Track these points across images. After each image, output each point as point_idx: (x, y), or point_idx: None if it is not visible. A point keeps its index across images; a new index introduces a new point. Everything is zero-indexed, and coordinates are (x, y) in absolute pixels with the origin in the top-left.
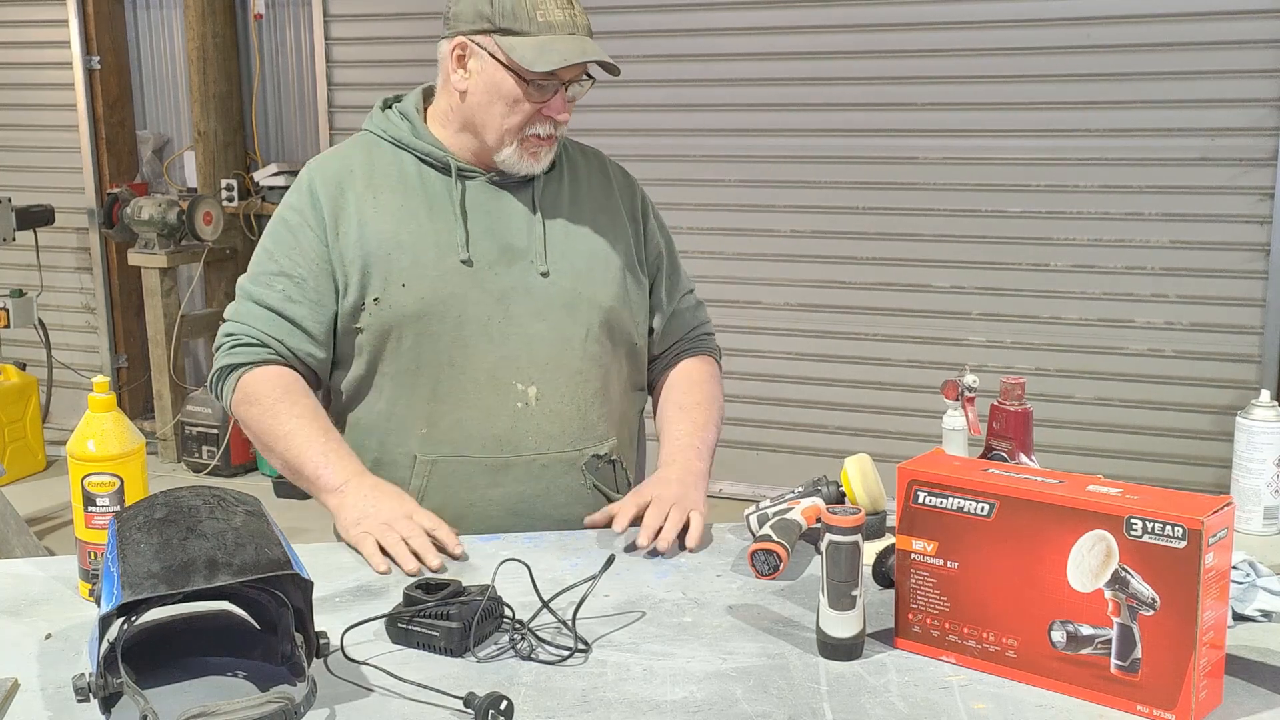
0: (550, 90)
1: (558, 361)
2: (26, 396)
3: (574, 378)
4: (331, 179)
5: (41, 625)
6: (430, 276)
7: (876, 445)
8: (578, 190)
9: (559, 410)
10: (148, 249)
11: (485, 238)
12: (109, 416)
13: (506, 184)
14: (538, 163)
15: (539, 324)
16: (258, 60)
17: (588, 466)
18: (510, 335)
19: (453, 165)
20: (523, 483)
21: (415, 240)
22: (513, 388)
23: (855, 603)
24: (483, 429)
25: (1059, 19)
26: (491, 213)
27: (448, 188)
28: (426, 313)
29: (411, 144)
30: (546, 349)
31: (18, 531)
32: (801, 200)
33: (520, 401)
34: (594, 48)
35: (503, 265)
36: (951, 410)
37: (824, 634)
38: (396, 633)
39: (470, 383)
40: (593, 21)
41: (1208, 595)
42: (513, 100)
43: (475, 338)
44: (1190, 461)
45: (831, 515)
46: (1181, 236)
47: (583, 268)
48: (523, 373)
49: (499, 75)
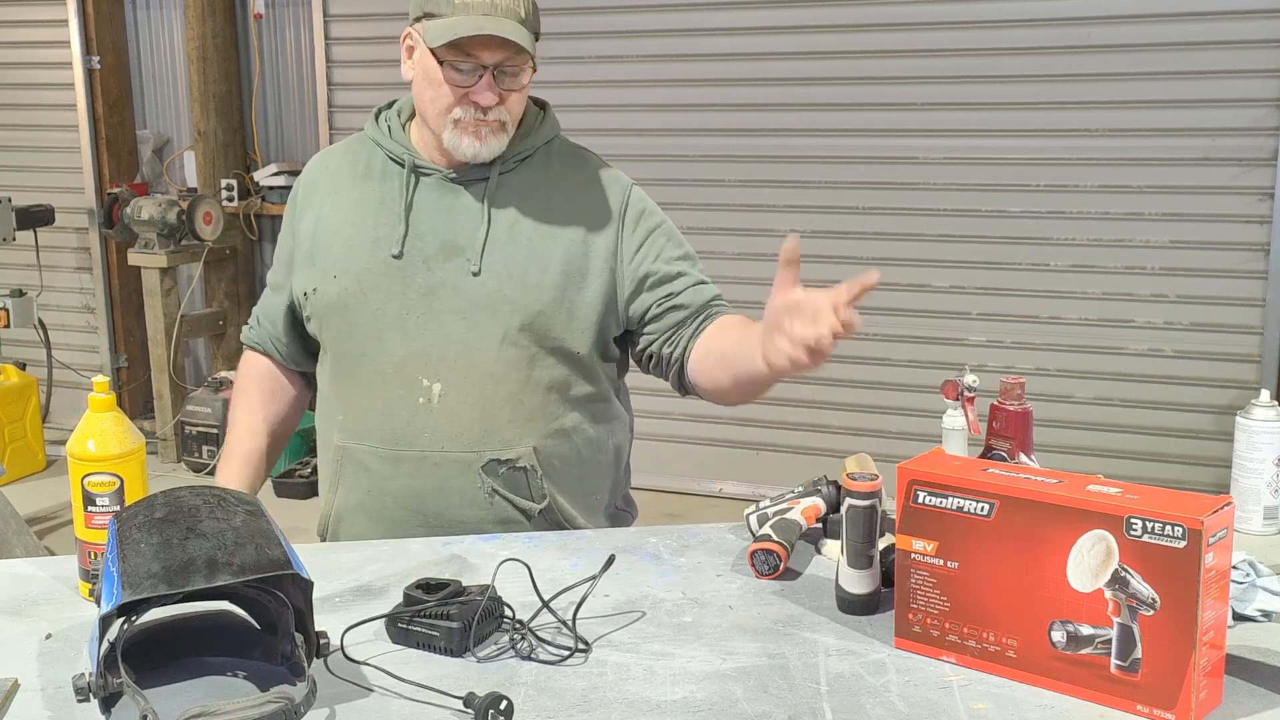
0: (472, 73)
1: (468, 361)
2: (26, 396)
3: (484, 379)
4: (312, 175)
5: (41, 625)
6: (357, 269)
7: (876, 445)
8: (541, 192)
9: (459, 410)
10: (148, 249)
11: (429, 234)
12: (109, 416)
13: (464, 181)
14: (481, 143)
15: (458, 322)
16: (258, 60)
17: (485, 469)
18: (427, 331)
19: (408, 162)
20: (416, 478)
21: (356, 233)
22: (418, 383)
23: (871, 562)
24: (383, 421)
25: (1059, 19)
26: (442, 210)
27: (401, 185)
28: (348, 303)
29: (383, 143)
30: (458, 348)
31: (18, 531)
32: (801, 200)
33: (423, 397)
34: (503, 26)
35: (438, 261)
36: (951, 410)
37: (843, 590)
38: (396, 633)
39: (378, 374)
40: (593, 21)
41: (1208, 595)
42: (437, 83)
43: (389, 330)
44: (1190, 461)
45: (851, 481)
46: (1181, 236)
47: (517, 270)
48: (430, 369)
49: (427, 60)
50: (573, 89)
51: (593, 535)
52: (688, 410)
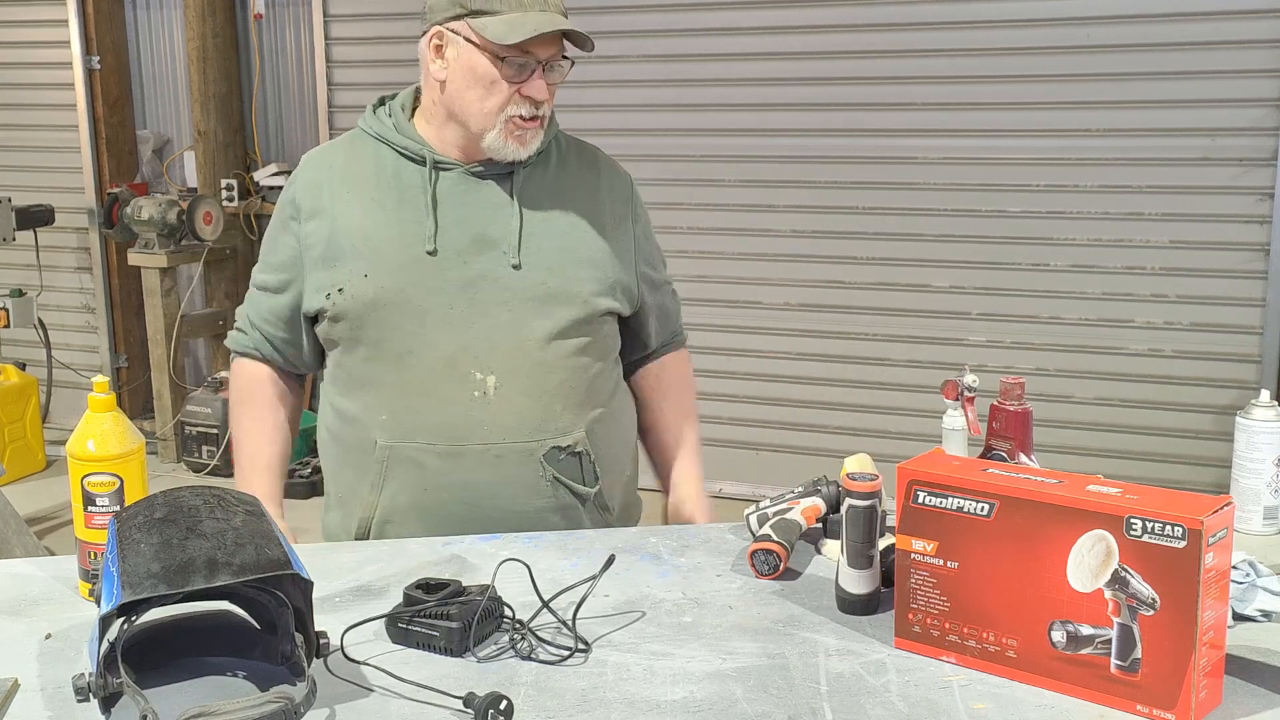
0: (527, 70)
1: (520, 352)
2: (26, 396)
3: (536, 369)
4: (313, 177)
5: (41, 625)
6: (391, 266)
7: (876, 445)
8: (563, 184)
9: (517, 401)
10: (148, 249)
11: (457, 227)
12: (109, 416)
13: (487, 175)
14: (523, 146)
15: (504, 314)
16: (258, 60)
17: (547, 458)
18: (473, 324)
19: (428, 157)
20: (476, 472)
21: (381, 231)
22: (471, 376)
23: (871, 562)
24: (438, 417)
25: (1059, 19)
26: (468, 203)
27: (423, 179)
28: (386, 301)
29: (392, 139)
30: (508, 340)
31: (18, 531)
32: (801, 200)
33: (478, 390)
34: (562, 21)
35: (472, 254)
36: (951, 410)
37: (843, 590)
38: (396, 633)
39: (428, 370)
40: (594, 21)
41: (1208, 595)
42: (489, 82)
43: (435, 326)
44: (1190, 461)
45: (851, 481)
46: (1181, 236)
47: (555, 262)
48: (481, 362)
49: (474, 58)
50: (572, 89)
51: (593, 535)
52: None
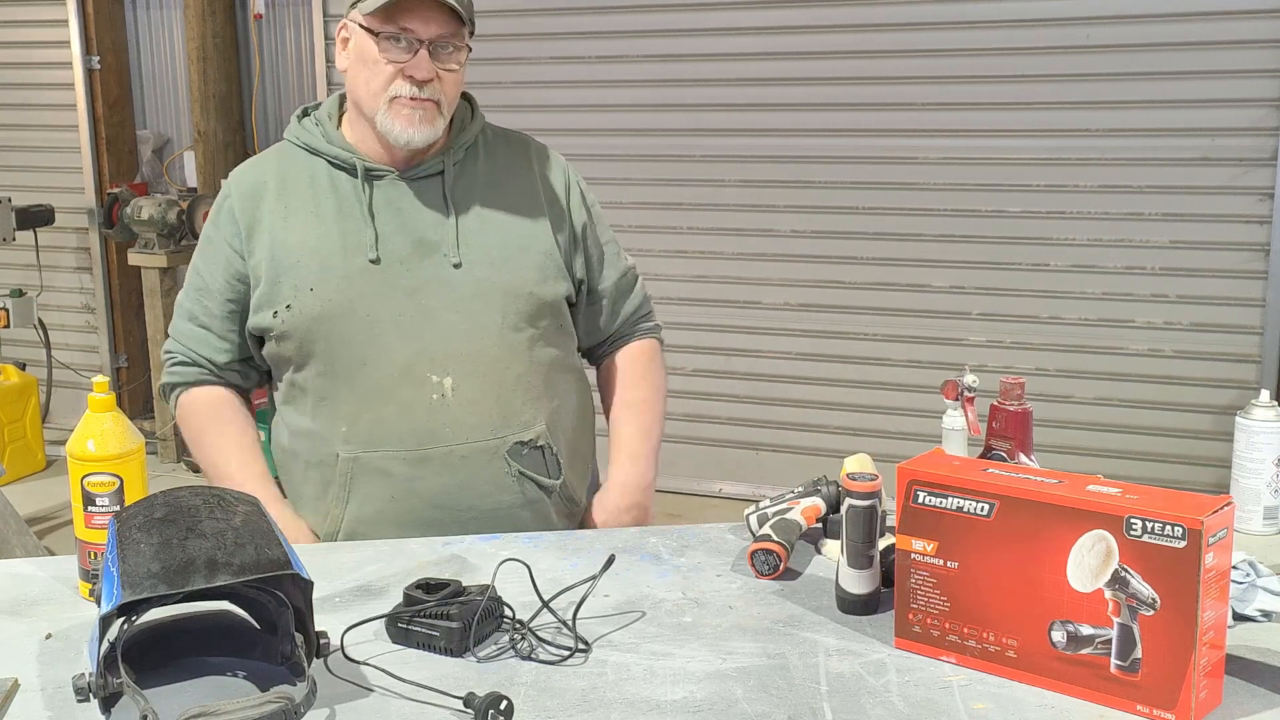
0: (408, 49)
1: (473, 351)
2: (26, 396)
3: (492, 366)
4: (247, 193)
5: (41, 625)
6: (336, 279)
7: (876, 445)
8: (494, 177)
9: (476, 400)
10: (148, 249)
11: (397, 235)
12: (109, 416)
13: (417, 179)
14: (411, 126)
15: (452, 315)
16: (258, 60)
17: (511, 454)
18: (424, 329)
19: (359, 166)
20: (443, 475)
21: (323, 245)
22: (428, 380)
23: (871, 562)
24: (400, 424)
25: (1059, 19)
26: (403, 210)
27: (356, 189)
28: (335, 314)
29: (322, 149)
30: (460, 340)
31: (18, 531)
32: (801, 200)
33: (436, 394)
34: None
35: (415, 260)
36: (951, 410)
37: (843, 590)
38: (396, 633)
39: (385, 379)
40: (592, 21)
41: (1208, 595)
42: (372, 61)
43: (387, 334)
44: (1190, 461)
45: (851, 481)
46: (1181, 236)
47: (497, 256)
48: (437, 365)
49: (362, 41)
50: (571, 89)
51: (593, 535)
52: (687, 410)
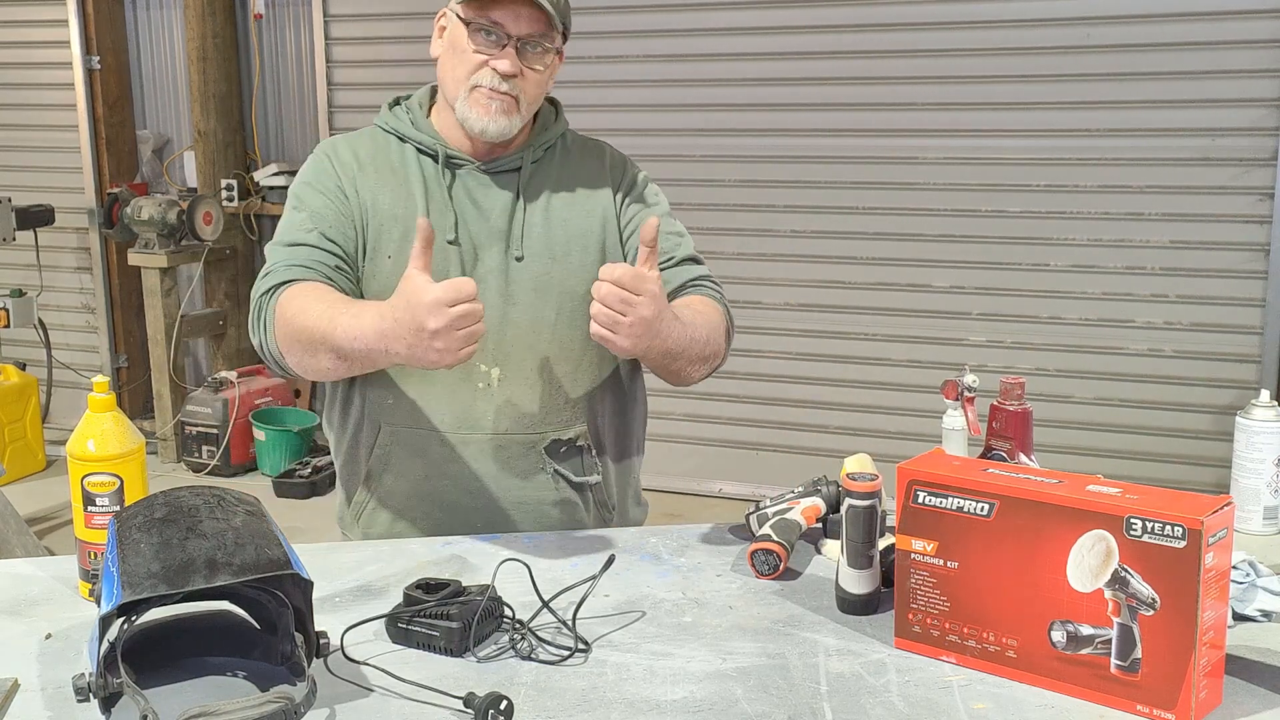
0: (496, 43)
1: (524, 345)
2: (26, 396)
3: (540, 362)
4: (344, 159)
5: (41, 625)
6: None
7: (876, 445)
8: (567, 178)
9: (520, 393)
10: (148, 249)
11: (472, 222)
12: (109, 416)
13: (494, 171)
14: (487, 116)
15: (509, 307)
16: (258, 60)
17: (548, 450)
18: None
19: (441, 152)
20: (478, 461)
21: (409, 217)
22: (476, 368)
23: (871, 562)
24: (442, 405)
25: (1059, 19)
26: (478, 200)
27: (438, 174)
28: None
29: (409, 134)
30: (513, 332)
31: (18, 531)
32: (801, 200)
33: (482, 382)
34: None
35: (484, 249)
36: (951, 410)
37: (843, 590)
38: (396, 633)
39: None
40: (593, 21)
41: (1208, 595)
42: (461, 50)
43: None
44: (1190, 461)
45: (850, 481)
46: (1181, 236)
47: (559, 253)
48: (487, 354)
49: (456, 30)
50: (573, 89)
51: (593, 535)
52: (687, 410)
